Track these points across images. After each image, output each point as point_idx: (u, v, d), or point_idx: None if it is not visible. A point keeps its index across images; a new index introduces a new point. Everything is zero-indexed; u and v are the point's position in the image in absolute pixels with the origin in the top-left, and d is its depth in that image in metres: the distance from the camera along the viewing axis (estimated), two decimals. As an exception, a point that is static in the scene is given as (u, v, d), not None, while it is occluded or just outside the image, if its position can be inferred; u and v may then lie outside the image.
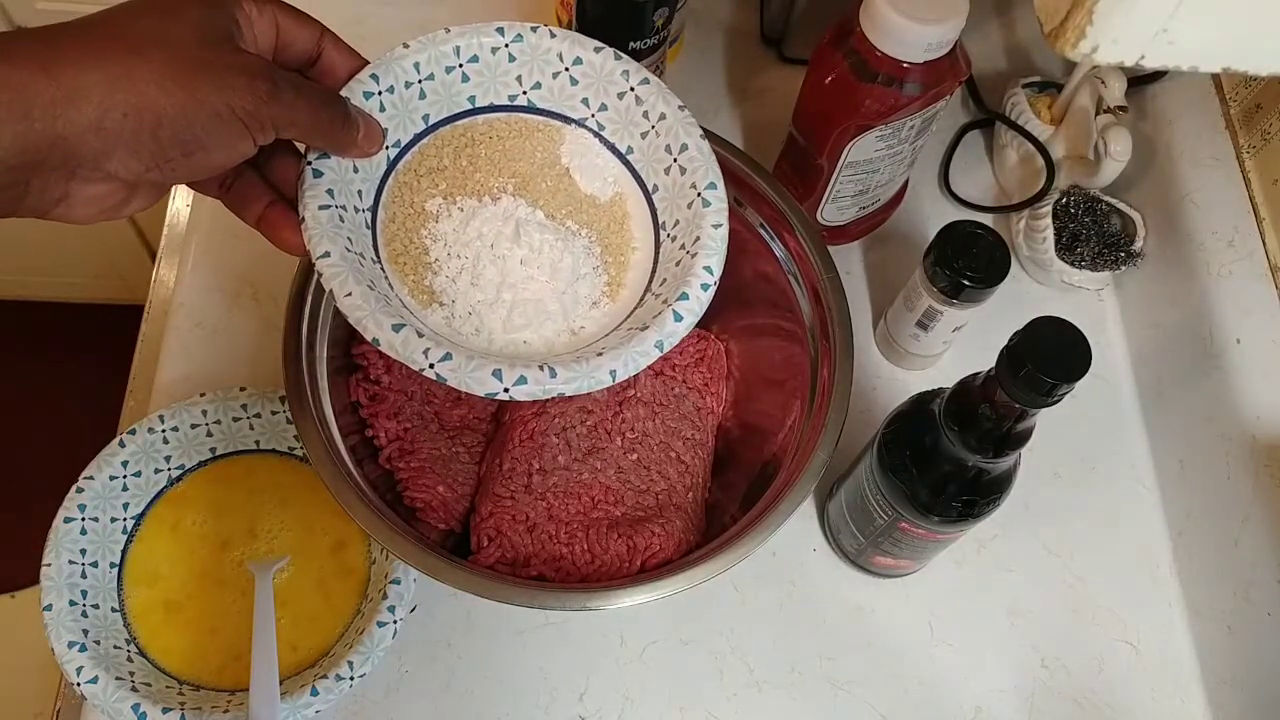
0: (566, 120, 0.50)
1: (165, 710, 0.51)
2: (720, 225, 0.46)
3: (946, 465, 0.49)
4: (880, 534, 0.56)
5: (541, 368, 0.42)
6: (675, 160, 0.48)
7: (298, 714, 0.52)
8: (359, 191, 0.45)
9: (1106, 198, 0.71)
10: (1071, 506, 0.66)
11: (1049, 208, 0.70)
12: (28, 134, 0.33)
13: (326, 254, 0.42)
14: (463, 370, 0.41)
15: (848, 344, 0.55)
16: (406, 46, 0.47)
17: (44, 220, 0.37)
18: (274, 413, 0.60)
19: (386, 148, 0.47)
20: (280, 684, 0.51)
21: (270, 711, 0.50)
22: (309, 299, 0.54)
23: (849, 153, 0.61)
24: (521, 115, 0.50)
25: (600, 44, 0.49)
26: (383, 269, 0.46)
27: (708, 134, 0.49)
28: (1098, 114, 0.69)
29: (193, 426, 0.59)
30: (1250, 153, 0.68)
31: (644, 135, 0.49)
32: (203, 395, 0.59)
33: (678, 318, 0.44)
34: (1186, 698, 0.61)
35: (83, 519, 0.56)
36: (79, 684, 0.52)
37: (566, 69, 0.49)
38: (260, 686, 0.51)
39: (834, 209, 0.68)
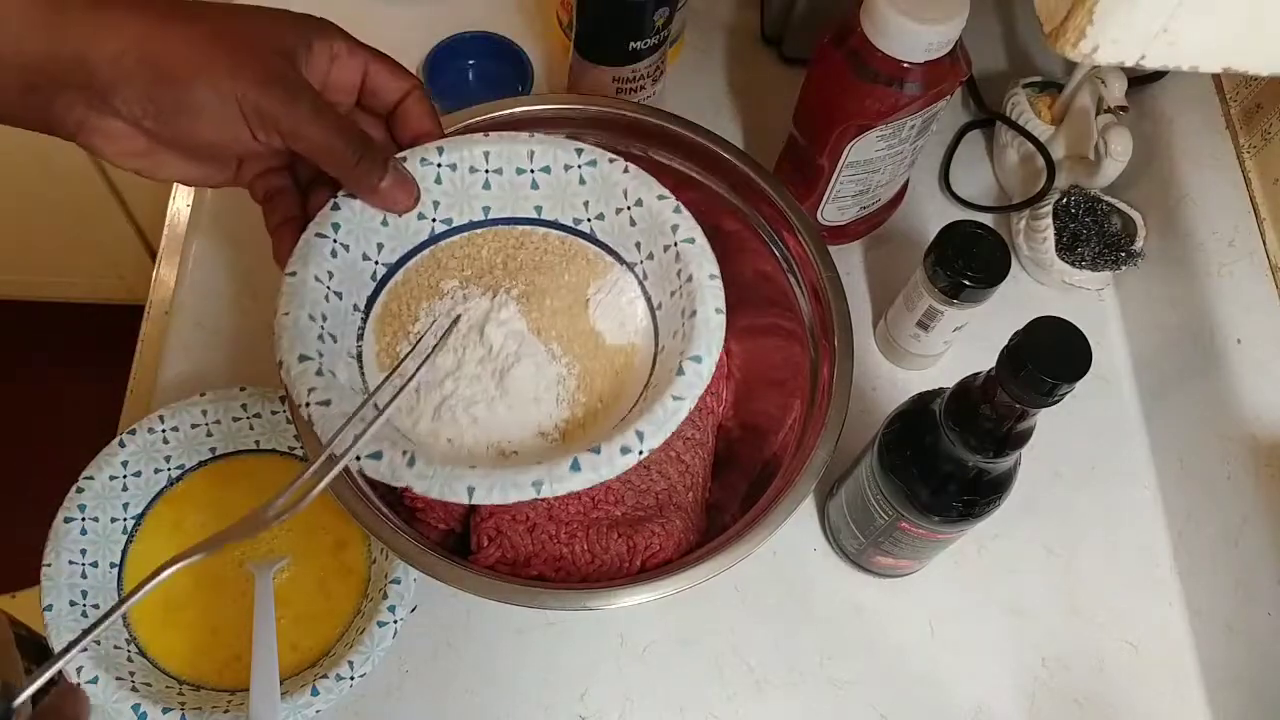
0: (620, 260, 0.50)
1: (165, 710, 0.51)
2: (680, 399, 0.43)
3: (947, 465, 0.49)
4: (880, 534, 0.56)
5: (404, 453, 0.40)
6: (683, 325, 0.47)
7: (298, 714, 0.52)
8: (379, 244, 0.47)
9: (1107, 198, 0.71)
10: (1071, 506, 0.66)
11: (1049, 208, 0.70)
12: (59, 45, 0.38)
13: (293, 274, 0.43)
14: (331, 421, 0.41)
15: (848, 344, 0.55)
16: (486, 135, 0.48)
17: (83, 149, 0.41)
18: (274, 413, 0.60)
19: (433, 220, 0.48)
20: (281, 684, 0.51)
21: (270, 711, 0.50)
22: (309, 299, 0.54)
23: (849, 153, 0.61)
24: (580, 240, 0.50)
25: (665, 192, 0.49)
26: (363, 320, 0.47)
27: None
28: (1098, 114, 0.69)
29: (193, 426, 0.59)
30: (1250, 153, 0.68)
31: (671, 294, 0.48)
32: (203, 395, 0.59)
33: (575, 468, 0.41)
34: (1186, 698, 0.61)
35: (83, 519, 0.56)
36: (79, 684, 0.52)
37: (628, 208, 0.49)
38: (261, 686, 0.51)
39: (834, 209, 0.68)
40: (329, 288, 0.45)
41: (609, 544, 0.55)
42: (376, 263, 0.47)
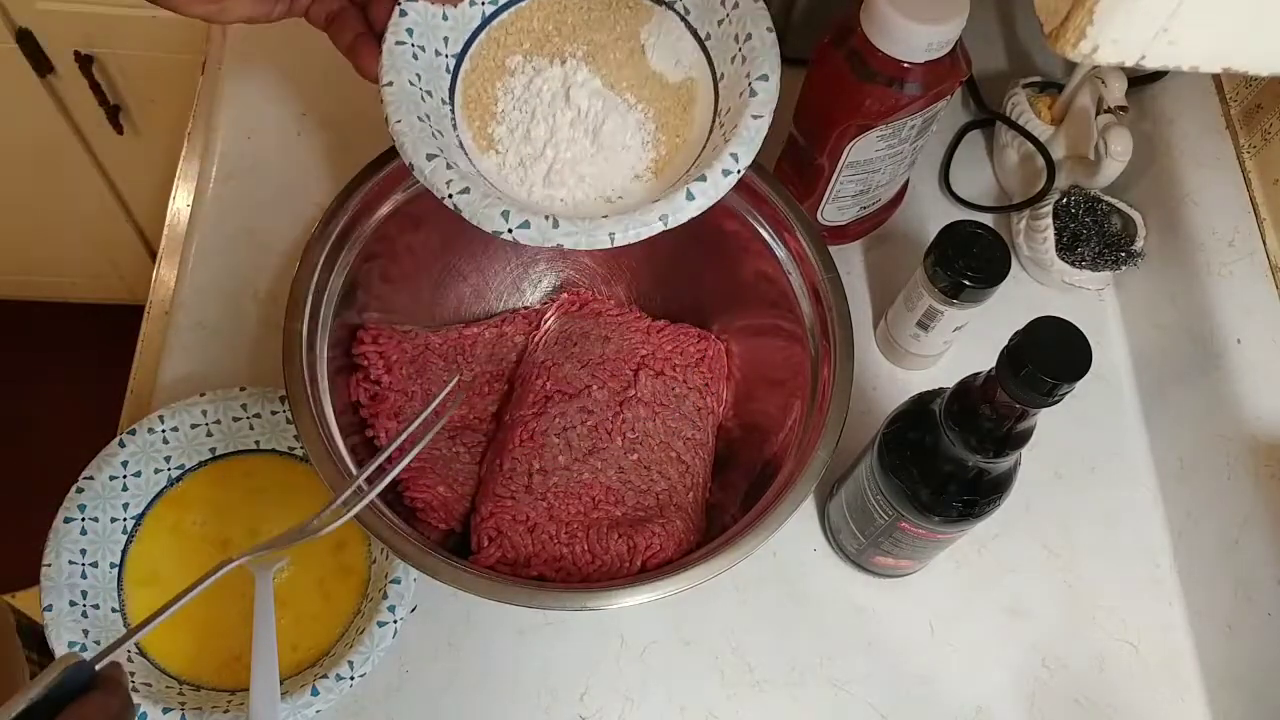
0: (658, 1, 0.52)
1: (165, 710, 0.51)
2: (760, 117, 0.47)
3: (947, 465, 0.49)
4: (881, 534, 0.56)
5: (547, 217, 0.44)
6: (740, 49, 0.49)
7: (298, 714, 0.52)
8: (445, 38, 0.50)
9: (1107, 197, 0.71)
10: (1071, 506, 0.66)
11: (1049, 208, 0.70)
12: None
13: (390, 83, 0.47)
14: (476, 206, 0.45)
15: (848, 344, 0.55)
16: None
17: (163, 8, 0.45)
18: (274, 413, 0.60)
19: (482, 4, 0.51)
20: (280, 684, 0.51)
21: (270, 711, 0.50)
22: (309, 299, 0.54)
23: (849, 153, 0.61)
24: None
25: None
26: (453, 111, 0.50)
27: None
28: (1098, 114, 0.69)
29: (193, 426, 0.59)
30: (1250, 153, 0.68)
31: (719, 23, 0.50)
32: (203, 395, 0.59)
33: (690, 197, 0.45)
34: (1186, 698, 0.61)
35: (83, 519, 0.56)
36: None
37: None
38: (260, 686, 0.51)
39: (834, 209, 0.68)
40: (421, 89, 0.48)
41: (609, 544, 0.55)
42: (447, 56, 0.50)
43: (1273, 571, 0.57)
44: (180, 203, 0.72)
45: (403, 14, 0.48)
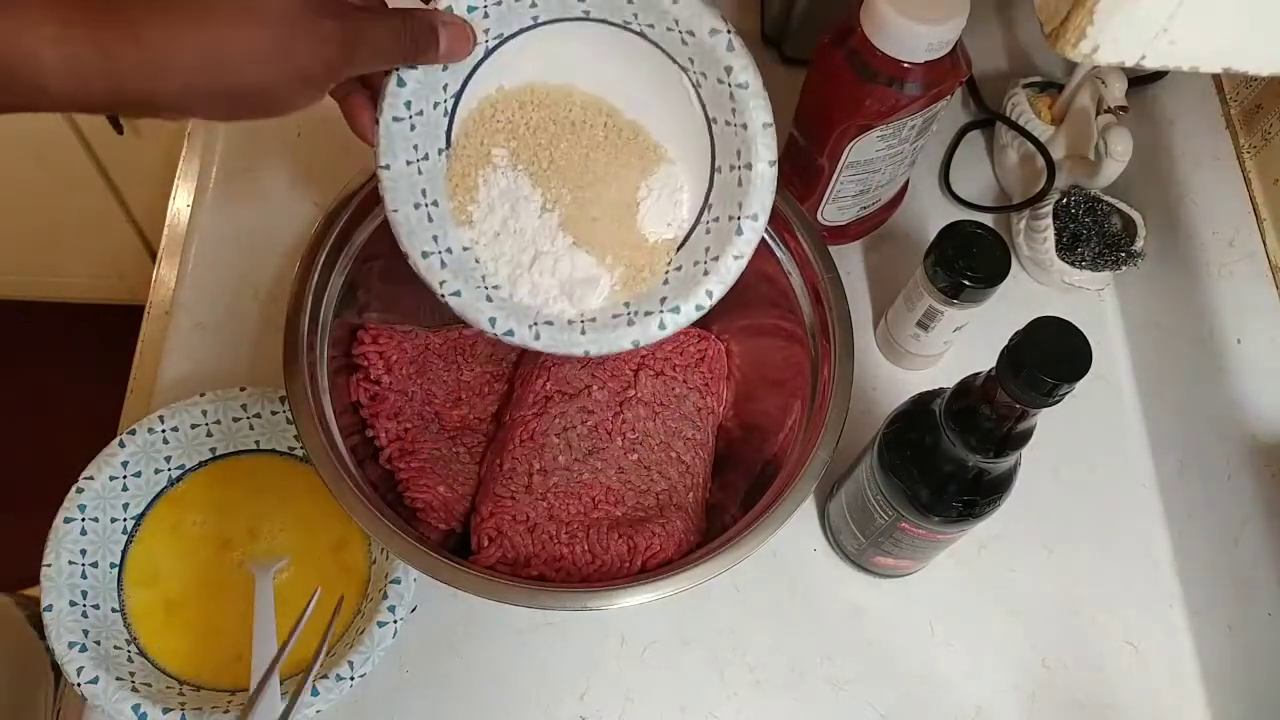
0: (673, 60, 0.48)
1: (165, 710, 0.51)
2: (740, 257, 0.49)
3: (947, 465, 0.49)
4: (881, 534, 0.56)
5: (530, 326, 0.49)
6: (738, 161, 0.49)
7: (298, 714, 0.52)
8: (445, 85, 0.48)
9: (1107, 198, 0.71)
10: (1071, 506, 0.66)
11: (1049, 208, 0.70)
12: (119, 91, 0.35)
13: (386, 166, 0.47)
14: (467, 308, 0.48)
15: (848, 344, 0.55)
16: None
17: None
18: (274, 413, 0.60)
19: (485, 42, 0.48)
20: (281, 684, 0.51)
21: (270, 711, 0.50)
22: (309, 299, 0.54)
23: (850, 153, 0.61)
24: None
25: (719, 25, 0.47)
26: (448, 158, 0.49)
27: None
28: (1098, 114, 0.69)
29: (193, 426, 0.59)
30: (1250, 153, 0.68)
31: (727, 123, 0.49)
32: (203, 395, 0.59)
33: (661, 326, 0.49)
34: (1186, 698, 0.61)
35: (83, 519, 0.56)
36: (79, 684, 0.52)
37: (679, 32, 0.47)
38: (260, 686, 0.51)
39: (834, 209, 0.68)
40: (418, 159, 0.48)
41: (609, 544, 0.55)
42: (443, 102, 0.48)
43: (1273, 571, 0.57)
44: (180, 203, 0.72)
45: (400, 84, 0.45)
